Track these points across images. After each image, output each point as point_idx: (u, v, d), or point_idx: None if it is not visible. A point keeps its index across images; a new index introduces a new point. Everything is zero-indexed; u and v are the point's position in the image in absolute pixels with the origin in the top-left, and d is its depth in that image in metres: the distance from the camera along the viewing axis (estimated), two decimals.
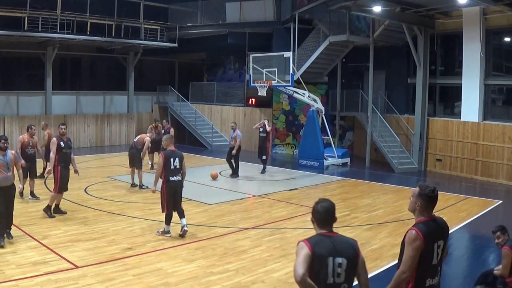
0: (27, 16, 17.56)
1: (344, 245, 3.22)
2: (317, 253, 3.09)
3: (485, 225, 9.95)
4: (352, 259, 3.20)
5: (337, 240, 3.22)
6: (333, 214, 3.28)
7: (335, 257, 3.14)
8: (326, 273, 3.10)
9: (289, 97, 19.01)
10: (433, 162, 16.48)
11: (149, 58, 24.42)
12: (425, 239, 3.40)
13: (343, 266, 3.14)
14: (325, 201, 3.31)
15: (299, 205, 10.86)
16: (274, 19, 20.36)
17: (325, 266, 3.10)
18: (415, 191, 3.59)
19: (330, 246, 3.16)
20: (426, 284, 3.47)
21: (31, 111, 19.88)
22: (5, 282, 5.83)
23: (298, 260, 3.06)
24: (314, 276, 3.05)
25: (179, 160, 7.87)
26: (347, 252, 3.19)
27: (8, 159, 7.34)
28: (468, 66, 15.18)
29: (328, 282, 3.10)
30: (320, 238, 3.20)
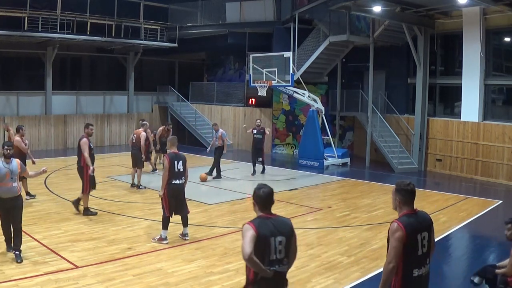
0: (27, 16, 17.56)
1: (282, 225, 3.66)
2: (261, 234, 3.50)
3: (485, 225, 9.97)
4: (289, 237, 3.66)
5: (276, 221, 3.66)
6: (272, 198, 3.71)
7: (276, 236, 3.57)
8: (269, 251, 3.53)
9: (289, 97, 19.01)
10: (433, 162, 16.48)
11: (149, 58, 24.42)
12: (406, 230, 3.62)
13: (282, 243, 3.59)
14: (265, 187, 3.71)
15: (299, 205, 10.86)
16: (274, 19, 20.36)
17: (268, 245, 3.53)
18: (393, 188, 3.85)
19: (271, 226, 3.59)
20: (413, 274, 3.65)
21: (31, 111, 19.89)
22: (5, 282, 5.83)
23: (245, 241, 3.47)
24: (259, 254, 3.49)
25: (183, 163, 7.74)
26: (285, 231, 3.64)
27: (14, 168, 6.60)
28: (468, 66, 15.18)
29: (271, 259, 3.54)
30: (262, 220, 3.61)
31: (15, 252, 6.60)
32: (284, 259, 3.62)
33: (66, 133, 20.56)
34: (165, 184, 7.61)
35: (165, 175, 7.63)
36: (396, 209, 3.84)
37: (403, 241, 3.61)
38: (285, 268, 3.65)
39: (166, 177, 7.60)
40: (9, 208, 6.53)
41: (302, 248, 7.63)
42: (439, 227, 9.12)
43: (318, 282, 6.26)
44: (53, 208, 9.73)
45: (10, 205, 6.53)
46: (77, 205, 9.30)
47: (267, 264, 3.52)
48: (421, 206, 11.20)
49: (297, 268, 6.73)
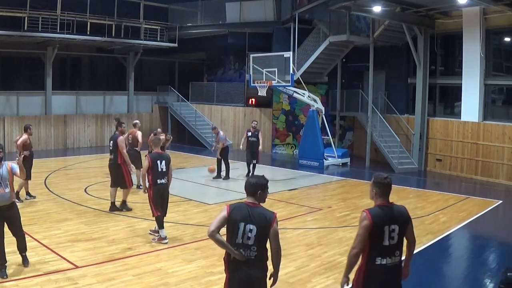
0: (27, 16, 17.56)
1: (258, 216, 3.90)
2: (232, 217, 3.85)
3: (485, 225, 9.97)
4: (262, 228, 3.88)
5: (255, 210, 3.91)
6: (256, 188, 3.97)
7: (247, 223, 3.84)
8: (236, 234, 3.84)
9: (289, 97, 19.01)
10: (433, 162, 16.48)
11: (149, 58, 24.43)
12: (373, 220, 3.83)
13: (253, 232, 3.84)
14: (253, 177, 4.07)
15: (299, 205, 10.86)
16: (274, 19, 20.36)
17: (236, 229, 3.83)
18: (372, 180, 4.07)
19: (246, 213, 3.86)
20: (376, 262, 3.86)
21: (31, 111, 19.89)
22: (5, 282, 5.83)
23: (215, 219, 3.86)
24: (228, 235, 3.87)
25: (166, 162, 7.68)
26: (259, 222, 3.87)
27: (4, 173, 6.03)
28: (468, 66, 15.18)
29: (237, 242, 3.84)
30: (240, 205, 3.93)
31: (22, 254, 6.43)
32: (252, 246, 3.85)
33: (66, 133, 20.57)
34: (150, 185, 7.65)
35: (143, 175, 7.78)
36: (373, 200, 4.06)
37: (368, 230, 3.81)
38: (253, 255, 3.86)
39: (145, 175, 7.74)
40: (5, 217, 6.09)
41: (302, 248, 7.64)
42: (439, 227, 9.13)
43: (318, 282, 6.26)
44: (53, 208, 9.74)
45: (5, 214, 6.08)
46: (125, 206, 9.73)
47: (233, 246, 3.84)
48: (421, 206, 11.30)
49: (297, 268, 6.74)
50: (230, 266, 3.94)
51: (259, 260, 3.93)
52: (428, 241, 8.20)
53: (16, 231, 6.30)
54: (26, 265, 6.36)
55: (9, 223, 6.19)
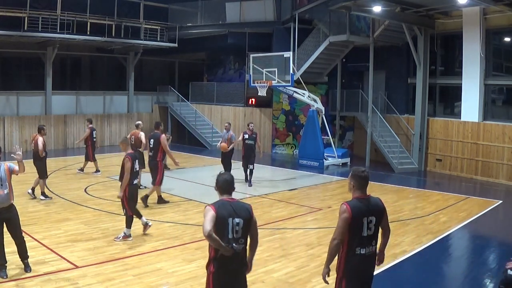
0: (27, 16, 17.56)
1: (241, 209, 4.11)
2: (220, 215, 3.98)
3: (485, 225, 9.97)
4: (247, 220, 4.10)
5: (236, 204, 4.12)
6: (232, 184, 4.21)
7: (234, 218, 4.04)
8: (227, 230, 4.00)
9: (289, 97, 19.01)
10: (433, 162, 16.48)
11: (149, 58, 24.43)
12: (352, 212, 3.98)
13: (240, 225, 4.05)
14: (226, 174, 4.27)
15: (299, 205, 10.86)
16: (274, 19, 20.36)
17: (226, 225, 4.00)
18: (350, 173, 4.24)
19: (230, 209, 4.05)
20: (356, 252, 4.03)
21: (31, 111, 19.88)
22: (5, 282, 5.83)
23: (206, 220, 3.94)
24: (218, 232, 3.97)
25: (139, 162, 7.99)
26: (243, 214, 4.09)
27: (2, 174, 5.93)
28: (468, 66, 15.18)
29: (230, 237, 4.00)
30: (222, 203, 4.09)
31: (24, 261, 6.27)
32: (240, 239, 4.07)
33: (66, 133, 20.56)
34: (125, 186, 7.65)
35: (126, 177, 7.57)
36: (351, 192, 4.21)
37: (348, 222, 3.97)
38: (241, 247, 4.09)
39: (128, 177, 7.59)
40: (4, 219, 6.00)
41: (302, 248, 7.64)
42: (439, 227, 9.13)
43: (318, 282, 6.25)
44: (53, 208, 9.74)
45: (4, 216, 5.97)
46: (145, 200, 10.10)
47: (226, 241, 3.98)
48: (421, 206, 11.30)
49: (297, 268, 6.74)
50: (217, 263, 4.09)
51: (244, 252, 4.16)
52: (428, 241, 8.20)
53: (16, 234, 6.15)
54: (28, 271, 6.19)
55: (8, 225, 6.06)
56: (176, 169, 15.41)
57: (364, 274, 4.16)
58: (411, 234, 8.60)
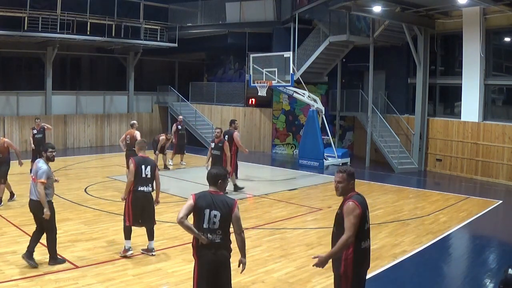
0: (27, 16, 17.56)
1: (221, 203, 4.34)
2: (198, 204, 4.30)
3: (485, 225, 9.97)
4: (225, 214, 4.31)
5: (218, 198, 4.37)
6: (217, 178, 4.45)
7: (211, 210, 4.29)
8: (203, 220, 4.28)
9: (289, 97, 19.01)
10: (433, 162, 16.48)
11: (149, 58, 24.42)
12: (361, 207, 4.11)
13: (217, 217, 4.28)
14: (215, 168, 4.60)
15: (299, 205, 10.86)
16: (274, 19, 20.35)
17: (202, 215, 4.28)
18: (343, 175, 4.22)
19: (210, 201, 4.32)
20: (361, 246, 4.16)
21: (31, 111, 19.87)
22: (5, 282, 5.83)
23: (183, 207, 4.29)
24: (196, 221, 4.32)
25: (151, 169, 7.00)
26: (222, 208, 4.31)
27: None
28: (468, 66, 15.18)
29: (205, 227, 4.28)
30: (204, 194, 4.40)
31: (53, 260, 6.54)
32: (217, 231, 4.29)
33: (66, 133, 20.56)
34: (130, 190, 6.94)
35: (130, 180, 6.94)
36: (348, 193, 4.22)
37: (359, 217, 4.06)
38: (219, 239, 4.30)
39: (131, 181, 6.91)
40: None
41: (302, 248, 7.64)
42: (439, 227, 9.13)
43: (318, 282, 6.26)
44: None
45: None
46: (237, 187, 11.67)
47: (201, 230, 4.27)
48: (421, 206, 11.31)
49: (297, 268, 6.74)
50: (198, 251, 4.35)
51: (224, 243, 4.35)
52: (428, 241, 8.20)
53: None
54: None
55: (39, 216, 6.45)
56: (176, 169, 15.42)
57: (366, 267, 4.32)
58: (411, 234, 8.60)
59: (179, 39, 21.70)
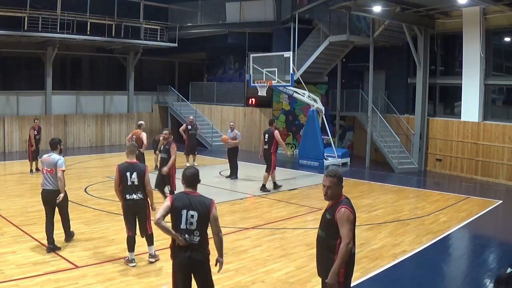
0: (27, 16, 17.56)
1: (198, 203, 4.33)
2: (174, 206, 4.31)
3: (485, 225, 9.97)
4: (202, 214, 4.30)
5: (195, 198, 4.36)
6: (196, 178, 4.47)
7: (188, 210, 4.29)
8: (180, 220, 4.28)
9: (289, 97, 19.01)
10: (433, 162, 16.48)
11: (149, 58, 24.42)
12: (354, 213, 4.09)
13: (194, 218, 4.28)
14: (191, 168, 4.54)
15: (299, 205, 10.86)
16: (274, 19, 20.36)
17: (179, 216, 4.29)
18: (333, 180, 4.12)
19: (187, 201, 4.32)
20: (352, 251, 4.11)
21: (31, 111, 19.88)
22: (5, 282, 5.83)
23: (160, 209, 4.32)
24: (173, 222, 4.32)
25: (138, 175, 6.48)
26: (199, 208, 4.30)
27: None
28: (468, 66, 15.18)
29: (182, 227, 4.28)
30: (181, 195, 4.40)
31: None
32: (195, 231, 4.28)
33: (66, 133, 20.57)
34: (120, 199, 6.66)
35: (115, 189, 6.66)
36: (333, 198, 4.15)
37: (354, 223, 4.06)
38: (196, 240, 4.28)
39: (117, 190, 6.61)
40: None
41: (302, 248, 7.64)
42: (439, 227, 9.13)
43: (318, 282, 6.22)
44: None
45: None
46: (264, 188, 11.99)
47: (178, 231, 4.27)
48: (421, 206, 11.30)
49: (297, 268, 6.74)
50: (174, 251, 4.35)
51: (201, 244, 4.32)
52: (428, 241, 8.20)
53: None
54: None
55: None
56: (176, 168, 15.40)
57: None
58: (411, 234, 8.60)
59: (179, 39, 21.70)
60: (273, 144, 12.07)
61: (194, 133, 16.08)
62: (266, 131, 12.41)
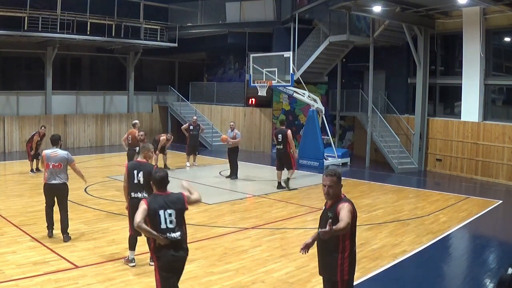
0: (27, 16, 17.55)
1: (173, 200, 4.46)
2: (151, 207, 4.37)
3: (485, 225, 9.97)
4: (179, 210, 4.47)
5: (168, 197, 4.49)
6: (166, 180, 4.59)
7: (166, 210, 4.40)
8: (159, 221, 4.36)
9: (289, 97, 19.01)
10: (433, 162, 16.48)
11: (149, 58, 24.42)
12: (355, 212, 4.07)
13: (173, 216, 4.40)
14: (160, 171, 4.64)
15: (299, 205, 10.86)
16: (274, 19, 20.35)
17: (158, 216, 4.37)
18: (333, 179, 4.09)
19: (162, 202, 4.43)
20: (354, 248, 4.12)
21: (31, 111, 19.89)
22: (5, 282, 5.83)
23: (138, 212, 4.33)
24: (152, 223, 4.34)
25: (144, 174, 6.43)
26: (176, 205, 4.45)
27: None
28: (468, 66, 15.18)
29: (162, 227, 4.36)
30: (154, 197, 4.51)
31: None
32: (175, 228, 4.40)
33: (66, 133, 20.56)
34: (126, 197, 6.63)
35: (123, 186, 6.67)
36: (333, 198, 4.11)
37: (354, 216, 4.03)
38: (178, 236, 4.41)
39: (124, 187, 6.63)
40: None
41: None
42: (439, 227, 9.13)
43: (318, 282, 6.25)
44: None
45: None
46: (287, 183, 12.34)
47: (159, 231, 4.33)
48: (421, 206, 11.30)
49: (297, 268, 6.74)
50: (157, 251, 4.41)
51: (183, 239, 4.48)
52: (428, 241, 8.20)
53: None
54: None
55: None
56: (176, 168, 15.42)
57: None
58: (411, 234, 8.60)
59: (179, 39, 21.70)
60: (287, 144, 12.26)
61: (196, 133, 16.06)
62: (279, 131, 12.46)
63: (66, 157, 7.53)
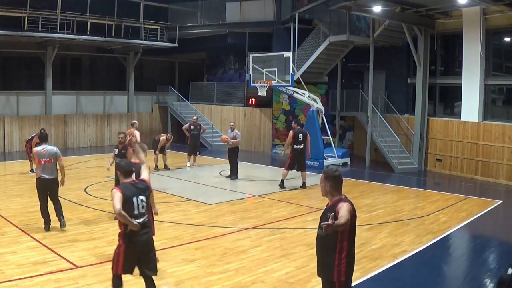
0: (27, 16, 17.56)
1: (142, 188, 4.83)
2: (125, 195, 4.65)
3: (485, 225, 9.97)
4: (148, 196, 4.90)
5: (137, 185, 4.84)
6: (132, 168, 4.93)
7: (138, 196, 4.74)
8: (132, 207, 4.68)
9: (289, 97, 19.01)
10: (433, 162, 16.47)
11: (149, 58, 24.42)
12: (354, 212, 4.08)
13: (144, 201, 4.79)
14: (122, 161, 5.08)
15: (299, 205, 10.86)
16: (274, 19, 20.35)
17: (131, 203, 4.68)
18: (322, 177, 4.17)
19: (133, 189, 4.76)
20: (352, 250, 4.12)
21: (31, 111, 19.88)
22: (5, 282, 5.83)
23: (115, 201, 4.57)
24: (125, 210, 4.60)
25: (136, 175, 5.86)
26: (145, 192, 4.85)
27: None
28: (468, 66, 15.18)
29: (135, 213, 4.69)
30: (126, 185, 4.80)
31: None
32: (144, 213, 4.77)
33: (66, 133, 20.57)
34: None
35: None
36: (327, 195, 4.17)
37: (353, 215, 4.02)
38: (146, 219, 4.80)
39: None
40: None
41: (302, 248, 7.64)
42: (439, 227, 9.13)
43: (318, 282, 6.23)
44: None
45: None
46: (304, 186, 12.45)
47: (133, 217, 4.64)
48: (421, 206, 11.29)
49: (297, 268, 6.74)
50: (127, 237, 4.70)
51: (150, 224, 4.94)
52: (428, 241, 8.20)
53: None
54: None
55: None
56: (177, 168, 15.42)
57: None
58: (411, 234, 8.60)
59: (179, 39, 21.70)
60: (306, 144, 12.44)
61: (197, 133, 16.04)
62: (299, 131, 12.51)
63: (55, 152, 8.09)
